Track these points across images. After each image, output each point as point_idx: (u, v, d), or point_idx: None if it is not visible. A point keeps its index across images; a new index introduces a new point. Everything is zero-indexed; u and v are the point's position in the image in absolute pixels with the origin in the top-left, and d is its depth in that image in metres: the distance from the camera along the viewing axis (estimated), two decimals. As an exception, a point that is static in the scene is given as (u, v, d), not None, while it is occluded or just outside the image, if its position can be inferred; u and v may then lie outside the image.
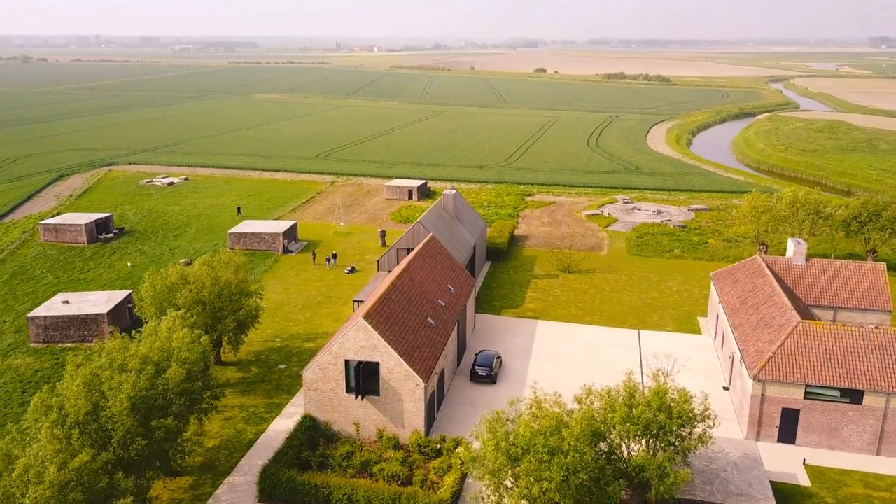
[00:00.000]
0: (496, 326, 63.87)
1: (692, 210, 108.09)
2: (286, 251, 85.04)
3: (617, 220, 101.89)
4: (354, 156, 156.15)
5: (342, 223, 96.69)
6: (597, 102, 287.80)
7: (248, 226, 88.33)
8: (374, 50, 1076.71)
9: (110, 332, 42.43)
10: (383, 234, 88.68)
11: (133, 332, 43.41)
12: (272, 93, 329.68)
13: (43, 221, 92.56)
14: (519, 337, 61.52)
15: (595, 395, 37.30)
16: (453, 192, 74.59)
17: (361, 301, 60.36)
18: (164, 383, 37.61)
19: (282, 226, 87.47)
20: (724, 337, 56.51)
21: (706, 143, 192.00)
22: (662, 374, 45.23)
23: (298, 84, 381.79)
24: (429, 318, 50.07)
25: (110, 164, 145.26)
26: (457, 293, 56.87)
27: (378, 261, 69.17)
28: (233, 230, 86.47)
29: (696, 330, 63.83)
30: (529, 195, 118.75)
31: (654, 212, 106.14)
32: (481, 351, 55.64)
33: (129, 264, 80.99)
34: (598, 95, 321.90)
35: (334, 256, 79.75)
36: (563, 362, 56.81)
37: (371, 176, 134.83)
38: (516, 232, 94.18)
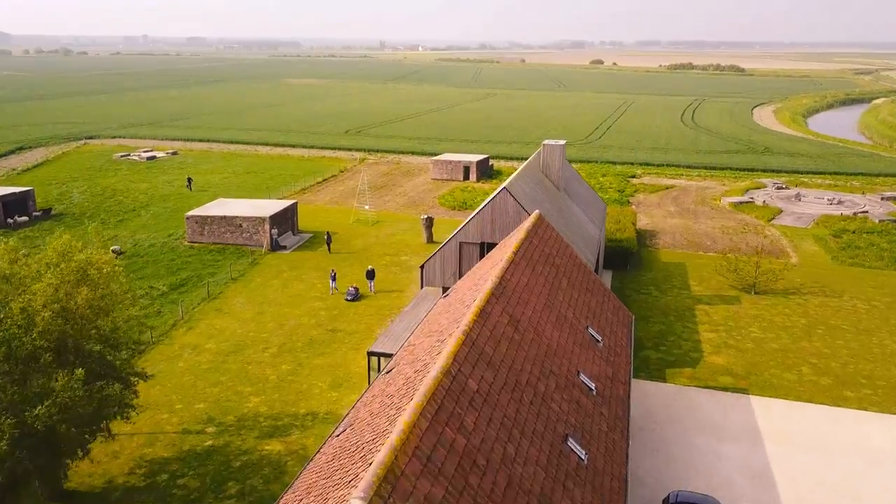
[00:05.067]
0: (666, 409, 30.55)
1: (886, 199, 72.92)
2: (275, 247, 53.13)
3: (782, 212, 67.45)
4: (393, 132, 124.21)
5: (367, 207, 64.36)
6: (672, 88, 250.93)
7: (219, 207, 56.61)
8: (418, 49, 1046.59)
9: None
10: (429, 223, 56.02)
11: None
12: (307, 77, 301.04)
13: (-71, 198, 62.64)
14: (728, 442, 28.05)
15: None
16: (562, 143, 41.31)
17: (385, 356, 27.74)
18: None
19: (270, 207, 55.45)
20: None
21: (824, 125, 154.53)
22: None
23: (337, 72, 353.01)
24: (569, 441, 17.16)
25: (90, 138, 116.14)
26: (609, 349, 23.81)
27: (423, 266, 36.47)
28: (193, 213, 54.68)
29: None
30: (633, 176, 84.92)
31: (829, 200, 71.30)
32: (677, 496, 22.54)
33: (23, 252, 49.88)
34: (670, 83, 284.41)
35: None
36: (875, 528, 23.19)
37: (413, 153, 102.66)
38: (638, 224, 60.62)
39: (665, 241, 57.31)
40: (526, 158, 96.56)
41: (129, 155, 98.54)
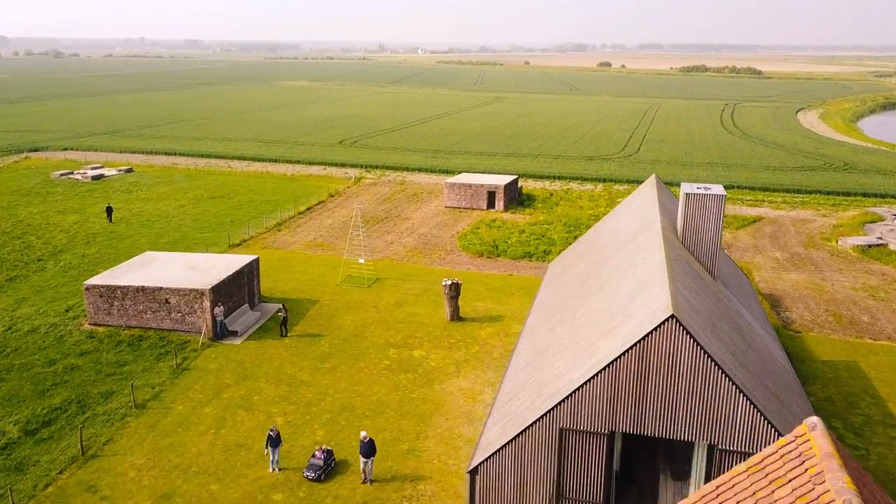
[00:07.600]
0: None
1: None
2: (220, 333, 34.72)
3: (933, 260, 49.21)
4: (395, 142, 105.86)
5: (362, 260, 45.81)
6: (693, 91, 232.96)
7: (140, 268, 37.98)
8: (417, 52, 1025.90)
9: None
10: (455, 291, 37.54)
11: None
12: (300, 80, 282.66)
13: None
14: None
15: None
16: (719, 192, 23.09)
17: None
18: None
19: (215, 270, 36.88)
20: None
21: (880, 132, 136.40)
22: None
23: (334, 74, 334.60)
24: None
25: (34, 150, 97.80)
26: None
27: (474, 471, 17.66)
28: (95, 281, 36.00)
29: None
30: (704, 205, 66.58)
31: (983, 241, 53.08)
32: None
33: None
34: (687, 86, 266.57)
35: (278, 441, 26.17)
36: None
37: (420, 170, 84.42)
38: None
39: (801, 316, 38.92)
40: (560, 177, 78.39)
41: (72, 173, 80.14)
